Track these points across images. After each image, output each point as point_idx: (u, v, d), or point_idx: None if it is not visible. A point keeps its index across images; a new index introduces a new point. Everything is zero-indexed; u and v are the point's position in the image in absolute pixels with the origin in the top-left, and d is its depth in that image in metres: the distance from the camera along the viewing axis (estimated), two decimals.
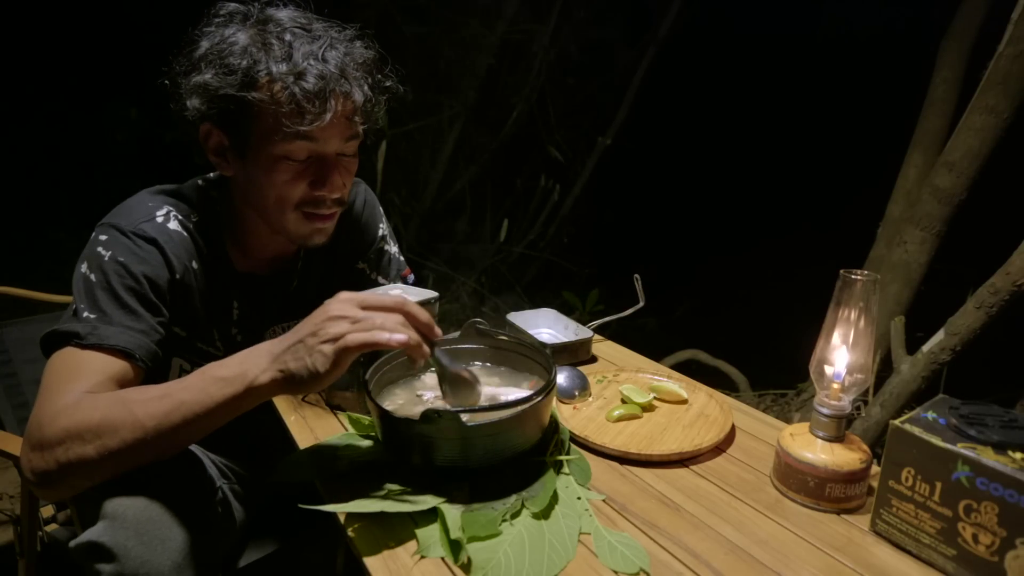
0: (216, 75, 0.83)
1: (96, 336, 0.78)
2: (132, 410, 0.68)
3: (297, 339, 0.69)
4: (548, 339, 1.28)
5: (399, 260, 1.22)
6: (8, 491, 1.99)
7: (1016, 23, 1.91)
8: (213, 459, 1.04)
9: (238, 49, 0.83)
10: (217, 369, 0.71)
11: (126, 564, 0.65)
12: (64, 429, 0.68)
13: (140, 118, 3.81)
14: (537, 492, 0.75)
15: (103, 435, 0.67)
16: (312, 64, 0.83)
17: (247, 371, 0.69)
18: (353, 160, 0.95)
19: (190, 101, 0.86)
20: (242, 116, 0.86)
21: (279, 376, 0.69)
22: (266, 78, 0.83)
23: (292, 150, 0.87)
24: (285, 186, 0.89)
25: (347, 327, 0.69)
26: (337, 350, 0.68)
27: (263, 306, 1.05)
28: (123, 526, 0.66)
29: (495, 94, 3.79)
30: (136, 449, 0.68)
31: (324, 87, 0.83)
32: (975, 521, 0.62)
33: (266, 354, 0.70)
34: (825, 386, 0.77)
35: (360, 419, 0.90)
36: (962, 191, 2.11)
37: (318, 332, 0.69)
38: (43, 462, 0.69)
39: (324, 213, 0.94)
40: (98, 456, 0.67)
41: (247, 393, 0.69)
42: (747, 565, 0.66)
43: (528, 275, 4.06)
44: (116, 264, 0.83)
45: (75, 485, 0.70)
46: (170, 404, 0.68)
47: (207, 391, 0.69)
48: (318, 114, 0.83)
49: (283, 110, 0.83)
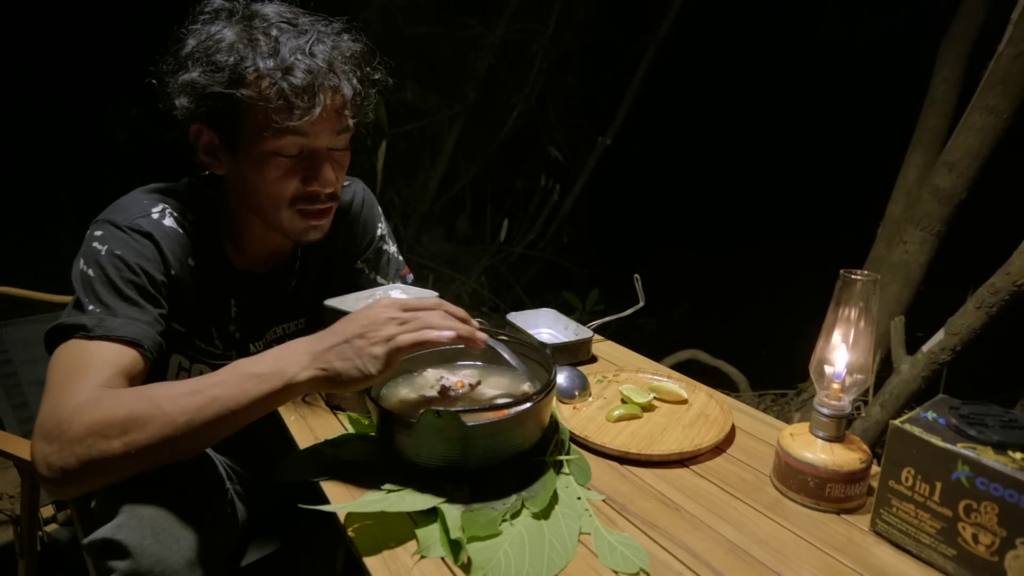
0: (203, 73, 0.83)
1: (103, 328, 0.77)
2: (161, 405, 0.68)
3: (342, 340, 0.71)
4: (548, 339, 1.28)
5: (398, 260, 1.22)
6: (8, 491, 1.99)
7: (1016, 23, 1.91)
8: (218, 459, 1.04)
9: (225, 46, 0.83)
10: (251, 366, 0.71)
11: (141, 562, 0.65)
12: (87, 425, 0.67)
13: (140, 118, 3.81)
14: (537, 492, 0.75)
15: (131, 430, 0.66)
16: (299, 59, 0.83)
17: (285, 368, 0.70)
18: (345, 154, 0.95)
19: (178, 100, 0.86)
20: (231, 114, 0.85)
21: (320, 375, 0.70)
22: (254, 75, 0.83)
23: (283, 146, 0.87)
24: (277, 183, 0.89)
25: (396, 328, 0.71)
26: (389, 351, 0.70)
27: (261, 305, 1.05)
28: (139, 524, 0.66)
29: (495, 94, 3.79)
30: (164, 445, 0.67)
31: (312, 82, 0.83)
32: (975, 521, 0.62)
33: (305, 352, 0.71)
34: (825, 386, 0.77)
35: (360, 419, 0.90)
36: (962, 191, 2.11)
37: (366, 335, 0.71)
38: (62, 458, 0.67)
39: (318, 209, 0.94)
40: (123, 452, 0.66)
41: (285, 389, 0.70)
42: (747, 565, 0.66)
43: (528, 275, 4.06)
44: (113, 257, 0.83)
45: (94, 482, 0.69)
46: (202, 400, 0.68)
47: (241, 387, 0.69)
48: (307, 109, 0.83)
49: (272, 106, 0.83)
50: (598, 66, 4.07)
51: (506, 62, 3.75)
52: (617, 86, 3.98)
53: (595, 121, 4.03)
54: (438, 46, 3.59)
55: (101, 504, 0.70)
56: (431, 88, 3.58)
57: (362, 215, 1.16)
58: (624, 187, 4.52)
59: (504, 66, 3.76)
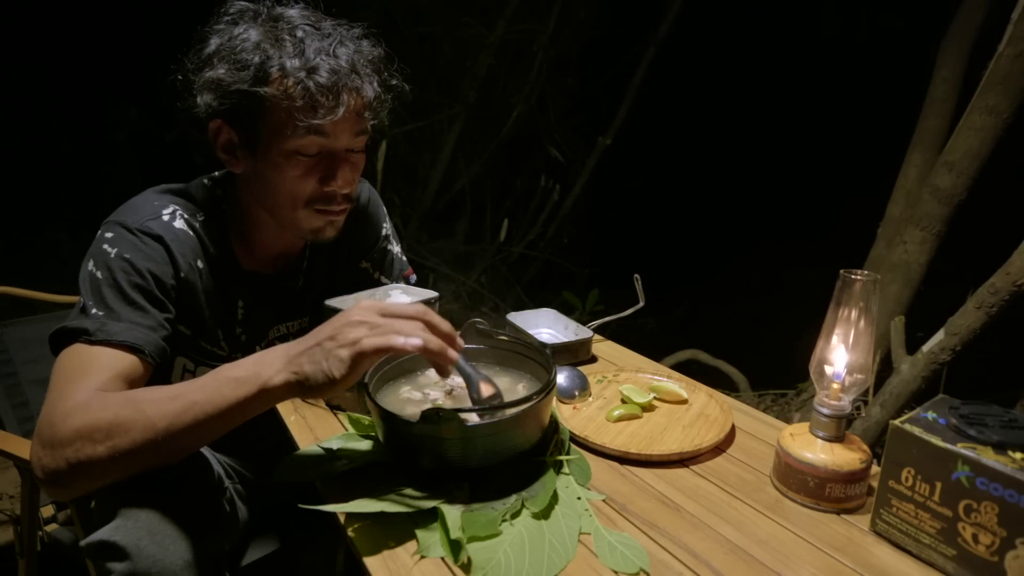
0: (229, 71, 0.84)
1: (105, 332, 0.78)
2: (143, 410, 0.68)
3: (315, 342, 0.69)
4: (548, 339, 1.28)
5: (401, 260, 1.23)
6: (8, 491, 1.99)
7: (1016, 23, 1.91)
8: (218, 459, 1.04)
9: (250, 45, 0.84)
10: (231, 370, 0.70)
11: (139, 563, 0.65)
12: (75, 429, 0.67)
13: (140, 118, 3.81)
14: (537, 492, 0.75)
15: (114, 435, 0.67)
16: (324, 59, 0.84)
17: (260, 372, 0.68)
18: (361, 156, 0.96)
19: (201, 98, 0.86)
20: (253, 112, 0.86)
21: (292, 379, 0.68)
22: (279, 73, 0.84)
23: (303, 145, 0.87)
24: (296, 182, 0.90)
25: (365, 332, 0.68)
26: (353, 354, 0.67)
27: (268, 305, 1.05)
28: (136, 525, 0.66)
29: (495, 94, 3.79)
30: (147, 450, 0.67)
31: (337, 82, 0.84)
32: (975, 521, 0.62)
33: (282, 356, 0.69)
34: (825, 386, 0.77)
35: (360, 419, 0.90)
36: (962, 191, 2.11)
37: (336, 336, 0.68)
38: (53, 461, 0.68)
39: (335, 209, 0.94)
40: (108, 456, 0.67)
41: (260, 394, 0.68)
42: (747, 565, 0.66)
43: (528, 275, 4.06)
44: (122, 261, 0.83)
45: (86, 485, 0.70)
46: (182, 404, 0.68)
47: (220, 391, 0.68)
48: (331, 108, 0.84)
49: (296, 104, 0.84)
50: (598, 66, 4.07)
51: (506, 62, 3.76)
52: (617, 86, 3.98)
53: (595, 121, 4.03)
54: (438, 46, 3.59)
55: (100, 505, 0.70)
56: (431, 88, 3.58)
57: (369, 214, 1.16)
58: (624, 187, 4.52)
59: (504, 66, 3.76)
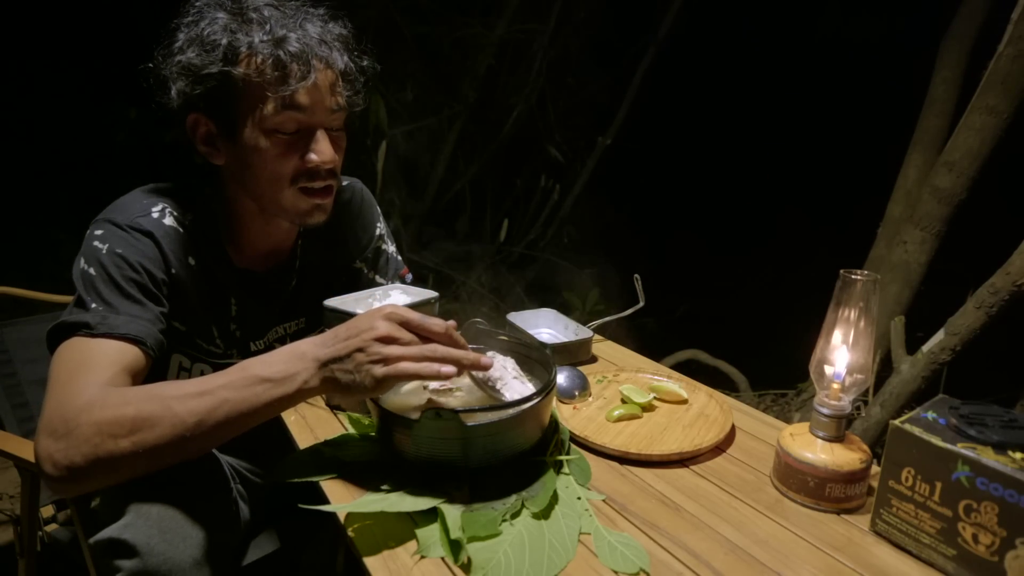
0: (198, 54, 0.85)
1: (106, 325, 0.78)
2: (170, 406, 0.68)
3: (345, 352, 0.71)
4: (548, 339, 1.28)
5: (397, 260, 1.23)
6: (8, 491, 2.00)
7: (1016, 23, 1.92)
8: (223, 459, 1.04)
9: (218, 28, 0.85)
10: (260, 368, 0.71)
11: (148, 560, 0.65)
12: (94, 423, 0.67)
13: (140, 118, 3.81)
14: (537, 492, 0.75)
15: (140, 430, 0.66)
16: (292, 32, 0.86)
17: (297, 374, 0.70)
18: (341, 135, 0.97)
19: (174, 86, 0.87)
20: (228, 96, 0.86)
21: (328, 385, 0.71)
22: (247, 51, 0.85)
23: (280, 122, 0.88)
24: (277, 160, 0.90)
25: (399, 351, 0.70)
26: (387, 375, 0.70)
27: (261, 303, 1.05)
28: (146, 523, 0.67)
29: (495, 94, 3.79)
30: (173, 445, 0.67)
31: (305, 49, 0.86)
32: (975, 521, 0.62)
33: (312, 360, 0.71)
34: (825, 386, 0.77)
35: (360, 419, 0.90)
36: (962, 191, 2.11)
37: (367, 349, 0.70)
38: (67, 456, 0.67)
39: (319, 186, 0.94)
40: (132, 451, 0.66)
41: (298, 395, 0.71)
42: (747, 565, 0.66)
43: (528, 275, 4.06)
44: (114, 256, 0.83)
45: (100, 480, 0.69)
46: (213, 401, 0.68)
47: (253, 391, 0.69)
48: (303, 75, 0.85)
49: (268, 78, 0.85)
50: (598, 66, 4.06)
51: (506, 62, 3.75)
52: (617, 86, 3.98)
53: (595, 121, 4.03)
54: (438, 46, 3.59)
55: (105, 504, 0.70)
56: (431, 88, 3.58)
57: (361, 214, 1.16)
58: (624, 187, 4.51)
59: (504, 66, 3.76)
